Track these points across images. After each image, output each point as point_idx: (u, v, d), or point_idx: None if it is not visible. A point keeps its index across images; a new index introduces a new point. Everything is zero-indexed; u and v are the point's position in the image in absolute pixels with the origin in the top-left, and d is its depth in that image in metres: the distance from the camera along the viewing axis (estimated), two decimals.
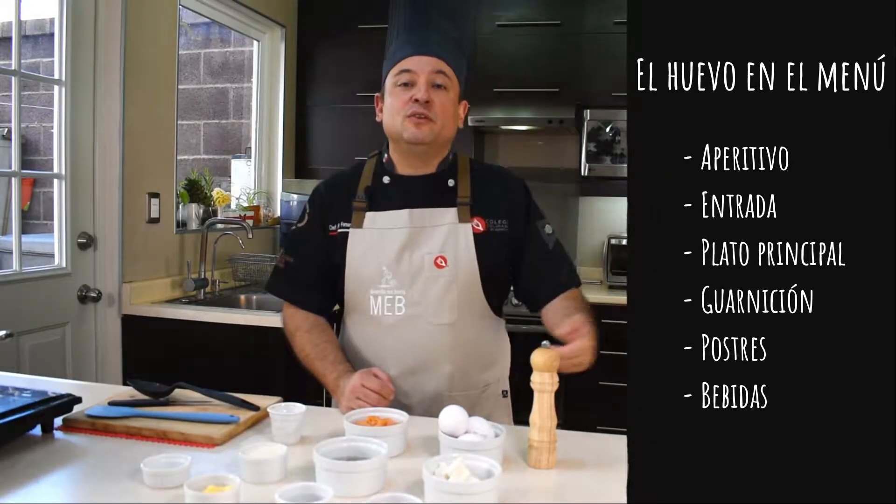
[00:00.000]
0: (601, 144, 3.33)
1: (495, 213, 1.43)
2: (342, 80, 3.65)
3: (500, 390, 1.51)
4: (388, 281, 1.39)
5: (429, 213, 1.41)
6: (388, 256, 1.39)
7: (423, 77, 1.37)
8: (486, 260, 1.39)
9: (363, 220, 1.41)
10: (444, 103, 1.39)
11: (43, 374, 1.98)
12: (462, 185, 1.44)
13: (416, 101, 1.36)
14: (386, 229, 1.40)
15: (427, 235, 1.39)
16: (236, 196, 3.73)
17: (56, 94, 2.47)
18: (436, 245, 1.39)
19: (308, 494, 0.90)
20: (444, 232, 1.40)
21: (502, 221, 1.43)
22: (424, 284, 1.38)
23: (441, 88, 1.38)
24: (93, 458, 1.10)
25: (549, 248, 1.45)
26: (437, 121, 1.38)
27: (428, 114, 1.36)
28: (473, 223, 1.41)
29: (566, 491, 1.06)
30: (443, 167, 1.46)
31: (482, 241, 1.40)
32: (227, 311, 2.65)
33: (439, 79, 1.38)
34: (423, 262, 1.38)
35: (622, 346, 0.82)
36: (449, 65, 1.40)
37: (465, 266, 1.39)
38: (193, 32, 4.75)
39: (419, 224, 1.40)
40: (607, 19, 3.32)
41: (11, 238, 2.48)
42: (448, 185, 1.44)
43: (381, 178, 1.46)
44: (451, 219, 1.40)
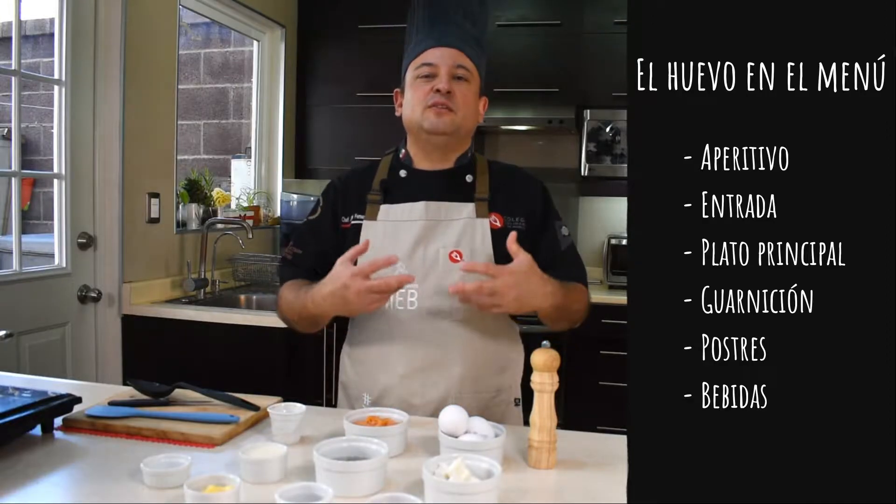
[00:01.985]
0: (601, 144, 3.33)
1: (513, 210, 1.41)
2: (342, 80, 3.65)
3: (513, 398, 1.46)
4: (400, 274, 1.35)
5: (445, 207, 1.39)
6: (403, 248, 1.36)
7: (445, 68, 1.37)
8: (503, 256, 1.34)
9: (377, 213, 1.40)
10: (466, 94, 1.38)
11: (43, 374, 1.98)
12: (480, 182, 1.43)
13: (437, 92, 1.36)
14: (400, 221, 1.38)
15: (443, 229, 1.38)
16: (236, 196, 3.73)
17: (56, 94, 2.47)
18: (451, 239, 1.37)
19: (308, 494, 0.90)
20: (461, 226, 1.38)
21: (520, 219, 1.41)
22: (438, 279, 1.35)
23: (462, 80, 1.38)
24: (93, 458, 1.10)
25: (562, 249, 1.43)
26: (459, 112, 1.37)
27: (449, 104, 1.36)
28: (491, 219, 1.39)
29: (566, 491, 1.06)
30: (461, 162, 1.45)
31: (499, 237, 1.34)
32: (227, 311, 2.65)
33: (460, 71, 1.38)
34: (438, 255, 1.36)
35: (622, 346, 0.82)
36: (470, 58, 1.40)
37: (482, 261, 1.34)
38: (193, 32, 4.75)
39: (435, 217, 1.38)
40: (607, 19, 3.32)
41: (11, 238, 2.48)
42: (466, 180, 1.43)
43: (397, 171, 1.45)
44: (468, 213, 1.39)
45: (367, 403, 1.40)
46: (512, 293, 1.21)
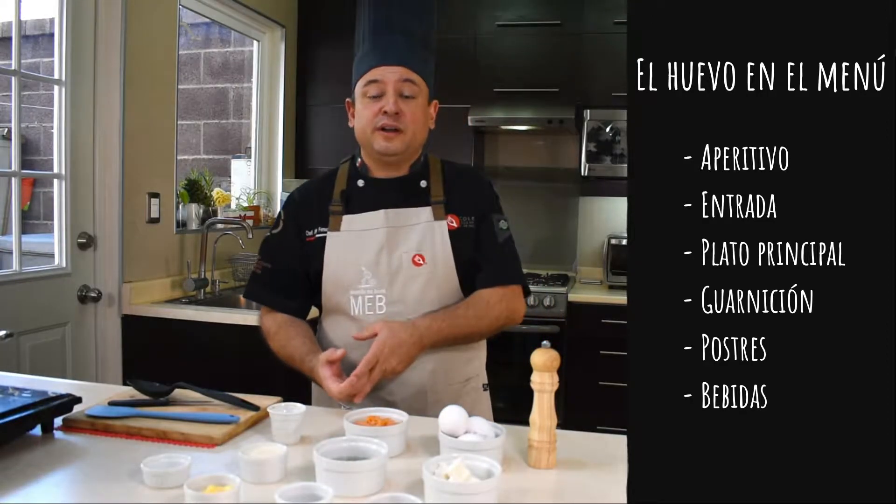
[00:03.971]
0: (601, 144, 3.33)
1: (466, 210, 1.46)
2: (342, 80, 3.59)
3: (481, 384, 1.54)
4: (367, 281, 1.41)
5: (404, 213, 1.43)
6: (367, 257, 1.41)
7: (391, 87, 1.39)
8: (461, 256, 1.42)
9: (340, 224, 1.44)
10: (414, 112, 1.42)
11: (43, 374, 1.98)
12: (434, 185, 1.47)
13: (385, 114, 1.39)
14: (364, 231, 1.43)
15: (404, 235, 1.42)
16: (236, 196, 3.73)
17: (56, 94, 2.47)
18: (413, 244, 1.41)
19: (308, 494, 0.90)
20: (421, 230, 1.42)
21: (472, 218, 1.46)
22: (404, 283, 1.40)
23: (410, 98, 1.41)
24: (93, 458, 1.10)
25: (499, 242, 1.47)
26: (408, 131, 1.41)
27: (398, 125, 1.40)
28: (448, 220, 1.44)
29: (566, 491, 1.06)
30: (415, 168, 1.49)
31: (457, 237, 1.43)
32: (227, 311, 2.65)
33: (407, 88, 1.40)
34: (402, 261, 1.40)
35: (622, 346, 0.82)
36: (416, 71, 1.42)
37: (442, 263, 1.41)
38: (193, 32, 4.75)
39: (395, 224, 1.42)
40: (607, 19, 3.32)
41: (11, 238, 2.48)
42: (420, 185, 1.47)
43: (355, 181, 1.49)
44: (426, 217, 1.43)
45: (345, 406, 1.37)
46: (392, 359, 1.30)
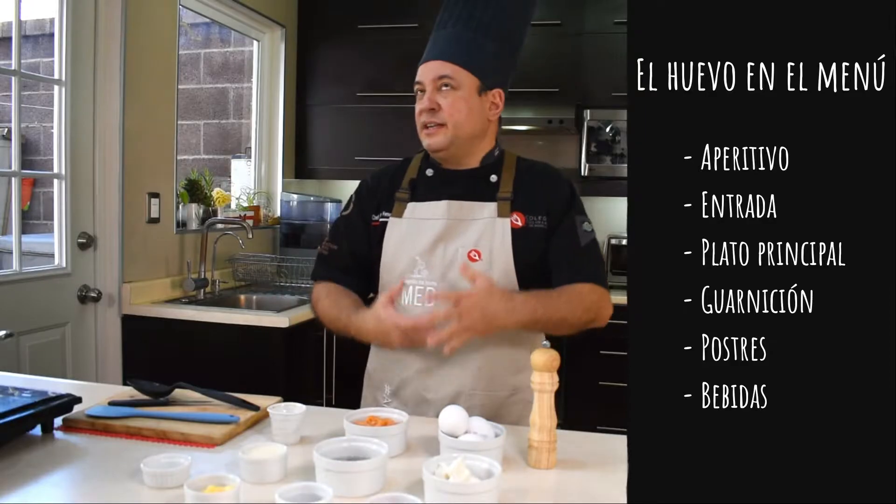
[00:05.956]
0: (601, 144, 3.33)
1: (536, 208, 1.41)
2: (342, 80, 3.65)
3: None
4: (420, 271, 1.38)
5: (468, 206, 1.41)
6: (423, 246, 1.39)
7: (429, 84, 1.39)
8: (523, 256, 1.37)
9: (403, 211, 1.43)
10: (453, 103, 1.38)
11: (43, 374, 1.98)
12: (505, 181, 1.43)
13: (426, 111, 1.39)
14: (423, 220, 1.41)
15: (463, 229, 1.39)
16: (236, 196, 3.72)
17: (56, 94, 2.47)
18: (471, 239, 1.38)
19: (308, 494, 0.90)
20: (481, 226, 1.39)
21: (542, 217, 1.41)
22: (457, 277, 1.36)
23: (448, 89, 1.38)
24: (93, 458, 1.10)
25: (581, 244, 1.41)
26: (449, 122, 1.38)
27: (436, 120, 1.38)
28: (513, 218, 1.39)
29: (566, 491, 1.06)
30: (487, 161, 1.46)
31: (520, 236, 1.38)
32: (227, 311, 2.65)
33: (444, 81, 1.38)
34: (457, 254, 1.37)
35: (622, 346, 0.82)
36: (457, 62, 1.38)
37: (501, 261, 1.37)
38: (193, 32, 4.75)
39: (457, 216, 1.40)
40: (607, 19, 3.32)
41: (11, 238, 2.48)
42: (490, 179, 1.44)
43: (425, 170, 1.47)
44: (489, 213, 1.40)
45: (388, 393, 1.44)
46: (475, 314, 1.24)
